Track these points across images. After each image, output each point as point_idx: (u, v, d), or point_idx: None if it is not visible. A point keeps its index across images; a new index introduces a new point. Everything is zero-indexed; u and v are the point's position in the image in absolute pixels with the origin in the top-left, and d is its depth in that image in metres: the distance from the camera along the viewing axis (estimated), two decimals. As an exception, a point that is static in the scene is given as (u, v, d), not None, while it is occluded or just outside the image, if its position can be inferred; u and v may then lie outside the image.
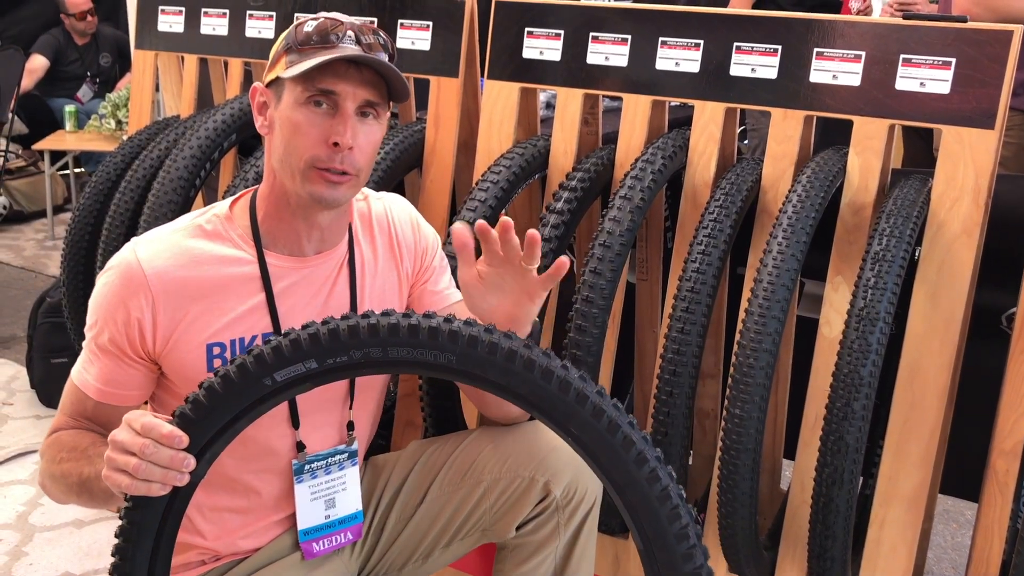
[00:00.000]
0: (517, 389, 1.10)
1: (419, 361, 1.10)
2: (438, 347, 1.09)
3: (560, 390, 1.09)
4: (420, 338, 1.09)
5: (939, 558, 2.55)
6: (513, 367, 1.09)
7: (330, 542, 1.51)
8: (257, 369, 1.10)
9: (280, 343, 1.10)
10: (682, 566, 1.10)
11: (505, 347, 1.09)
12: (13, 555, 2.44)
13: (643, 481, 1.09)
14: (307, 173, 1.33)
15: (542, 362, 1.09)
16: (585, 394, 1.09)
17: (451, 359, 1.09)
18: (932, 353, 1.69)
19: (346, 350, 1.10)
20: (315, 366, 1.10)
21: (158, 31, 2.54)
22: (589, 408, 1.09)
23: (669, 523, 1.09)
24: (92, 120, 5.29)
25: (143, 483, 1.12)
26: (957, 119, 1.67)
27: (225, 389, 1.11)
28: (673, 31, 1.88)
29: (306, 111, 1.32)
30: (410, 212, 1.59)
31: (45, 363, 3.20)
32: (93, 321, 1.38)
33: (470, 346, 1.09)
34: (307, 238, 1.42)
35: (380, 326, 1.09)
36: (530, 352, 1.10)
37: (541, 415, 1.12)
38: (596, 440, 1.10)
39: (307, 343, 1.10)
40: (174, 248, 1.37)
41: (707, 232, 1.70)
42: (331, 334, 1.09)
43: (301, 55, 1.32)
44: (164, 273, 1.35)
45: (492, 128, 2.07)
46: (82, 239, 2.30)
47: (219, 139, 2.15)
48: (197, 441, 1.12)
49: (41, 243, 5.17)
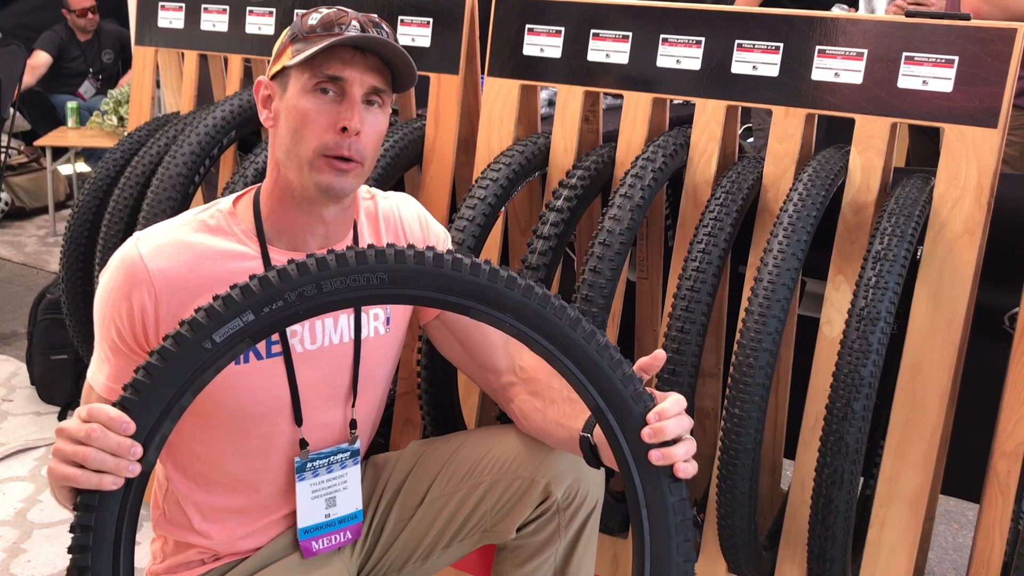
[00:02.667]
0: (451, 291, 1.13)
1: (354, 287, 1.10)
2: (368, 269, 1.10)
3: (490, 279, 1.13)
4: (349, 265, 1.09)
5: (940, 559, 2.54)
6: (443, 270, 1.12)
7: (329, 541, 1.51)
8: (195, 335, 1.08)
9: (212, 304, 1.09)
10: (633, 408, 1.15)
11: (430, 254, 1.12)
12: (11, 552, 2.44)
13: (581, 340, 1.14)
14: (315, 162, 1.33)
15: (467, 261, 1.13)
16: (514, 278, 1.13)
17: (383, 278, 1.10)
18: (934, 353, 1.68)
19: (280, 294, 1.09)
20: (252, 318, 1.09)
21: (158, 27, 2.54)
22: (519, 290, 1.13)
23: (612, 370, 1.14)
24: (94, 116, 5.29)
25: (94, 474, 1.06)
26: (960, 117, 1.66)
27: (165, 363, 1.08)
28: (674, 28, 1.87)
29: (313, 98, 1.32)
30: (418, 210, 1.59)
31: (45, 359, 3.20)
32: (100, 318, 1.37)
33: (398, 260, 1.10)
34: (311, 233, 1.41)
35: (308, 264, 1.09)
36: (454, 255, 1.13)
37: (478, 309, 1.15)
38: (532, 316, 1.14)
39: (239, 296, 1.09)
40: (177, 243, 1.37)
41: (708, 231, 1.70)
42: (262, 282, 1.09)
43: (307, 43, 1.32)
44: (167, 268, 1.34)
45: (492, 125, 2.06)
46: (81, 235, 2.29)
47: (219, 135, 2.14)
48: (144, 424, 1.08)
49: (43, 239, 5.17)
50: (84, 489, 1.06)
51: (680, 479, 1.15)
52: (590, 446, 1.35)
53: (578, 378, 1.15)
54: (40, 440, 3.00)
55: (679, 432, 1.15)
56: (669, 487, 1.15)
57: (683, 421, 1.15)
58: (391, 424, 2.09)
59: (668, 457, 1.13)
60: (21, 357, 3.47)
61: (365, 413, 1.53)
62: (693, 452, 1.17)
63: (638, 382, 1.16)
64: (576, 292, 1.68)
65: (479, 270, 1.12)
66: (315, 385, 1.43)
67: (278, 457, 1.45)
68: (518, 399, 1.50)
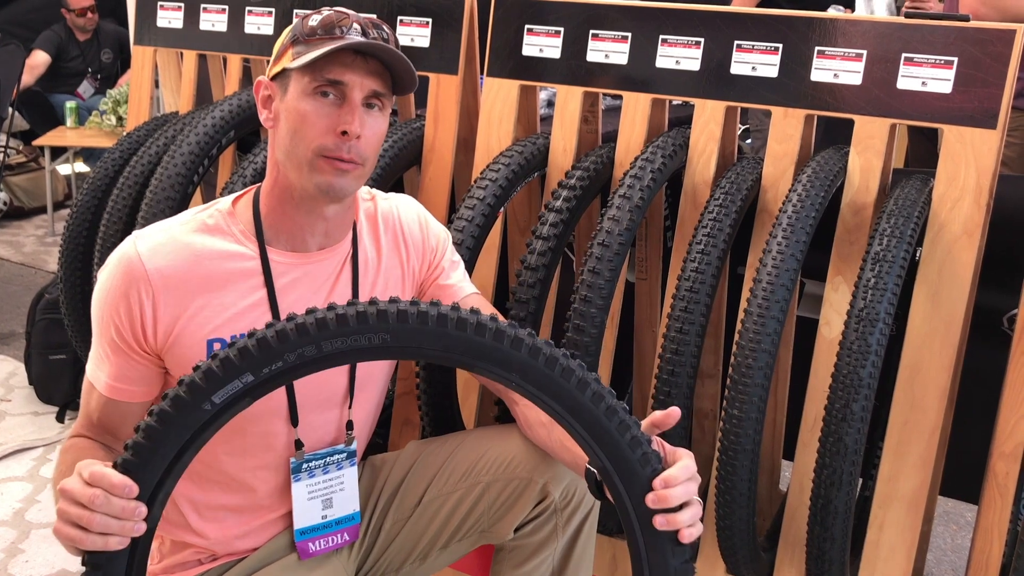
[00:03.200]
0: (455, 351, 1.11)
1: (356, 348, 1.09)
2: (370, 329, 1.08)
3: (495, 339, 1.11)
4: (350, 326, 1.08)
5: (939, 560, 2.54)
6: (447, 330, 1.10)
7: (327, 542, 1.51)
8: (192, 397, 1.07)
9: (210, 365, 1.07)
10: (640, 472, 1.14)
11: (434, 313, 1.09)
12: (9, 552, 2.43)
13: (589, 402, 1.12)
14: (314, 163, 1.33)
15: (471, 319, 1.11)
16: (520, 338, 1.11)
17: (386, 338, 1.09)
18: (932, 354, 1.68)
19: (280, 355, 1.07)
20: (252, 379, 1.08)
21: (157, 27, 2.53)
22: (525, 350, 1.11)
23: (620, 434, 1.13)
24: (93, 116, 5.29)
25: (100, 537, 1.06)
26: (959, 119, 1.66)
27: (164, 425, 1.07)
28: (674, 29, 1.87)
29: (313, 101, 1.32)
30: (418, 211, 1.59)
31: (43, 359, 3.19)
32: (98, 316, 1.37)
33: (400, 321, 1.08)
34: (310, 233, 1.41)
35: (307, 324, 1.07)
36: (458, 312, 1.11)
37: (484, 368, 1.13)
38: (539, 377, 1.12)
39: (238, 358, 1.07)
40: (175, 242, 1.37)
41: (707, 231, 1.69)
42: (260, 343, 1.07)
43: (308, 46, 1.32)
44: (164, 267, 1.34)
45: (491, 126, 2.06)
46: (80, 235, 2.29)
47: (218, 135, 2.14)
48: (147, 484, 1.08)
49: (41, 239, 5.16)
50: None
51: (684, 543, 1.15)
52: (595, 480, 1.34)
53: (585, 439, 1.14)
54: (38, 440, 2.99)
55: (685, 498, 1.14)
56: (672, 551, 1.15)
57: (690, 487, 1.15)
58: (390, 424, 2.09)
59: (672, 523, 1.14)
60: (19, 357, 3.47)
61: (362, 415, 1.53)
62: (699, 516, 1.17)
63: (646, 444, 1.14)
64: (575, 293, 1.68)
65: (484, 330, 1.10)
66: (311, 386, 1.43)
67: (274, 457, 1.45)
68: (522, 402, 1.50)
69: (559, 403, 1.12)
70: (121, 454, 1.09)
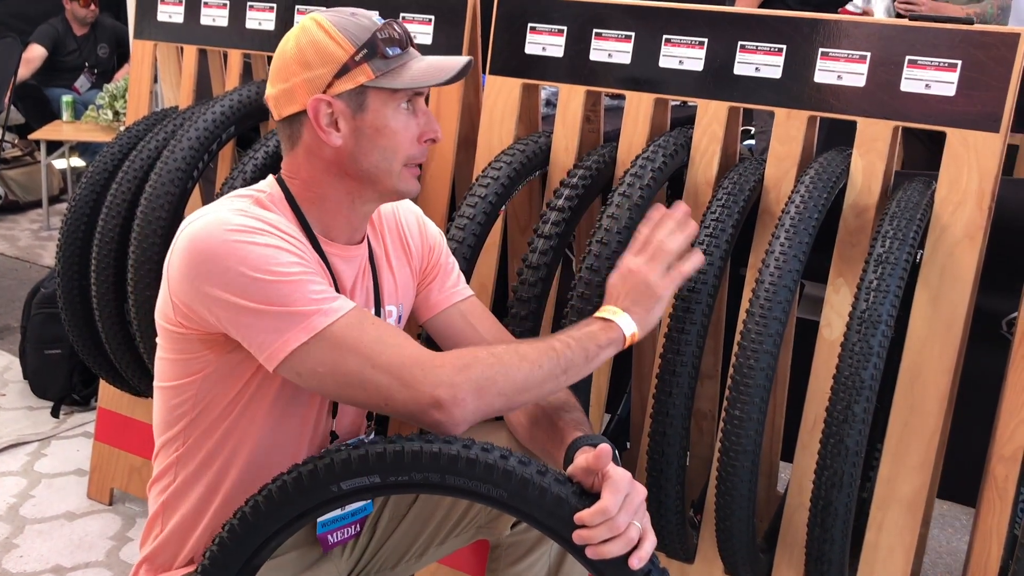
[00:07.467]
0: (560, 532, 1.18)
1: (473, 491, 1.19)
2: (492, 482, 1.18)
3: None
4: (476, 471, 1.18)
5: (934, 563, 2.55)
6: (560, 512, 1.17)
7: (343, 534, 1.50)
8: (326, 476, 1.21)
9: (350, 455, 1.20)
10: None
11: (554, 492, 1.17)
12: (3, 547, 2.42)
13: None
14: (402, 173, 1.39)
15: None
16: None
17: (503, 494, 1.18)
18: (933, 357, 1.68)
19: (407, 471, 1.19)
20: (377, 480, 1.20)
21: (157, 21, 2.52)
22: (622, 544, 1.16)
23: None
24: (89, 111, 5.27)
25: None
26: (962, 122, 1.66)
27: (285, 496, 1.23)
28: (677, 29, 1.87)
29: (401, 116, 1.38)
30: (416, 211, 1.61)
31: (38, 354, 3.18)
32: (275, 265, 1.27)
33: (521, 486, 1.17)
34: (354, 227, 1.45)
35: (441, 454, 1.18)
36: (579, 500, 1.17)
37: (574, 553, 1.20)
38: None
39: (374, 459, 1.20)
40: (253, 216, 1.33)
41: (708, 232, 1.69)
42: (395, 455, 1.19)
43: (388, 62, 1.34)
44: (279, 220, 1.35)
45: (493, 124, 2.06)
46: (78, 230, 2.27)
47: (218, 131, 2.13)
48: (255, 543, 1.25)
49: (36, 233, 5.15)
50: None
51: (637, 568, 1.16)
52: None
53: None
54: (33, 435, 2.98)
55: (609, 534, 1.15)
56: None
57: (616, 521, 1.15)
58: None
59: (601, 554, 1.15)
60: (14, 351, 3.46)
61: None
62: (635, 541, 1.16)
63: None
64: (573, 291, 1.68)
65: None
66: None
67: (309, 449, 1.44)
68: None
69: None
70: None
